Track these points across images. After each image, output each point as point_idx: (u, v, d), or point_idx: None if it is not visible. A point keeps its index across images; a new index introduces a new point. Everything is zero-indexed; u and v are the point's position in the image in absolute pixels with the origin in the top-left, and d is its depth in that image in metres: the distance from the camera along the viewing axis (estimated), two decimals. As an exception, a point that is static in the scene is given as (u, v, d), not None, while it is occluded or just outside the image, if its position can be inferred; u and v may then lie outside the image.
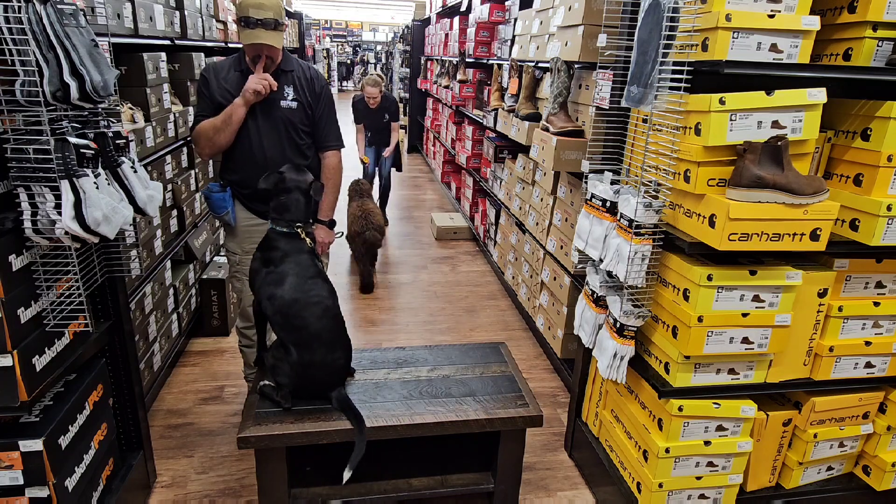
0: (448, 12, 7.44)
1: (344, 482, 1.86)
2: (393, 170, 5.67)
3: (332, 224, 2.51)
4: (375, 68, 19.22)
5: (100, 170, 1.61)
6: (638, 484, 2.08)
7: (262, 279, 2.04)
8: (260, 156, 2.30)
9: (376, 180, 5.57)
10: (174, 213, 3.19)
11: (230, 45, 4.63)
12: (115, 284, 2.01)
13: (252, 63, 2.26)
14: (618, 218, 1.91)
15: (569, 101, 3.01)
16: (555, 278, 3.26)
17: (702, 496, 2.07)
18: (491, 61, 5.05)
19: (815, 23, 1.64)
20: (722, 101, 1.62)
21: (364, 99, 5.14)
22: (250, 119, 2.29)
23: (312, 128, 2.43)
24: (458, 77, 5.90)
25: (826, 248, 1.73)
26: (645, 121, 1.86)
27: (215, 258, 3.79)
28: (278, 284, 1.99)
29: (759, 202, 1.64)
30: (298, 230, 2.07)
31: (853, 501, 2.28)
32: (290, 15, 9.37)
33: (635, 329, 1.96)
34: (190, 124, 3.36)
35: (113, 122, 1.72)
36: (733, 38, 1.61)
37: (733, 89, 1.64)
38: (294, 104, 2.35)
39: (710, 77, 1.66)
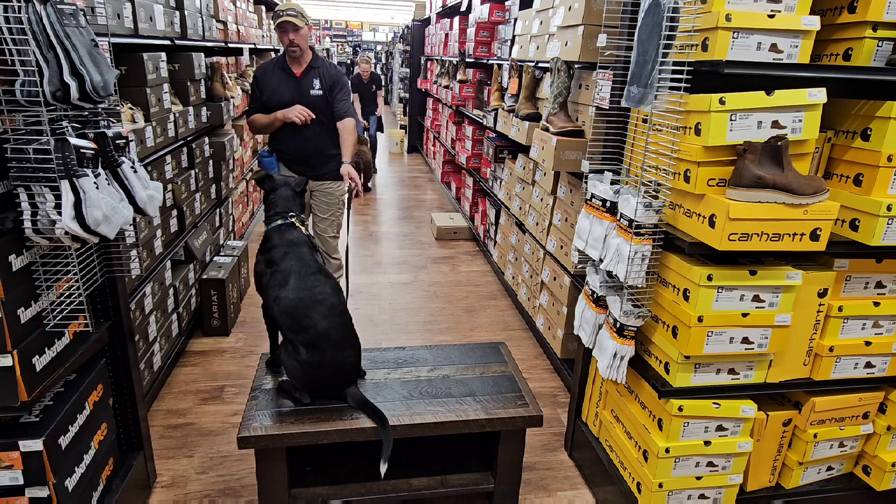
0: (448, 12, 7.44)
1: (382, 476, 1.86)
2: (378, 133, 8.12)
3: (353, 164, 3.08)
4: (375, 67, 19.60)
5: (100, 170, 1.61)
6: (638, 484, 2.08)
7: (268, 281, 2.08)
8: (298, 131, 3.12)
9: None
10: (174, 213, 3.19)
11: (230, 45, 4.64)
12: (115, 284, 2.01)
13: (295, 63, 3.12)
14: (618, 218, 1.91)
15: (569, 101, 3.01)
16: (555, 278, 3.26)
17: (702, 496, 2.07)
18: (491, 61, 5.05)
19: (815, 23, 1.64)
20: (722, 101, 1.62)
21: (359, 74, 7.63)
22: (292, 105, 3.10)
23: (332, 107, 3.17)
24: (458, 77, 5.90)
25: (826, 248, 1.73)
26: (645, 121, 1.86)
27: (215, 258, 3.79)
28: (283, 285, 2.02)
29: (759, 202, 1.64)
30: (293, 219, 2.20)
31: (853, 501, 2.28)
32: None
33: (635, 329, 1.96)
34: (191, 124, 3.38)
35: (113, 122, 1.71)
36: (733, 38, 1.61)
37: (733, 89, 1.64)
38: (319, 93, 3.15)
39: (710, 77, 1.66)
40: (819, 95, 1.66)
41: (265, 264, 2.12)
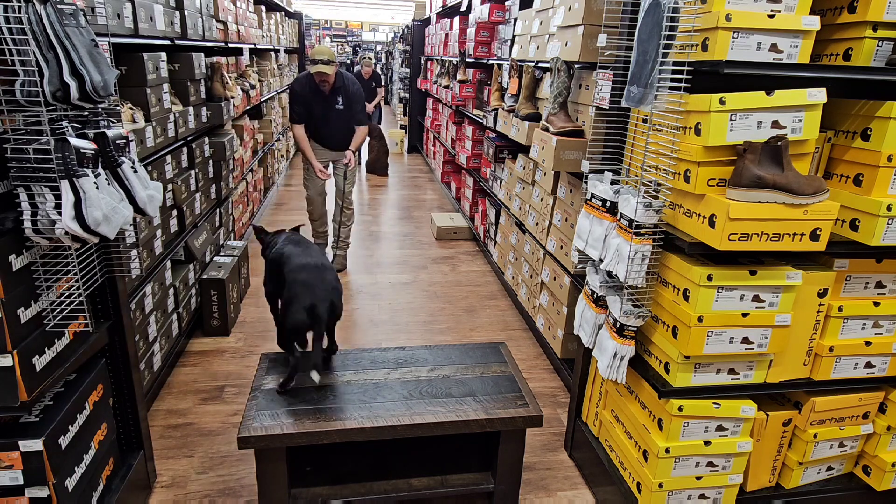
0: (448, 12, 7.44)
1: (317, 382, 2.07)
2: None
3: (357, 153, 4.45)
4: (376, 67, 19.74)
5: (100, 170, 1.61)
6: (638, 484, 2.08)
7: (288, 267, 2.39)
8: (327, 130, 4.36)
9: None
10: (174, 213, 3.19)
11: (230, 45, 4.64)
12: (115, 284, 2.01)
13: (319, 84, 4.16)
14: (618, 218, 1.91)
15: (569, 101, 3.01)
16: (555, 278, 3.26)
17: (702, 496, 2.07)
18: (491, 61, 5.05)
19: (815, 23, 1.65)
20: (722, 101, 1.62)
21: (361, 73, 8.77)
22: (323, 115, 4.29)
23: (351, 115, 4.36)
24: (458, 77, 5.90)
25: (826, 248, 1.73)
26: (645, 121, 1.86)
27: (215, 258, 3.79)
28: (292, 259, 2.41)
29: (759, 202, 1.64)
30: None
31: (853, 501, 2.28)
32: (290, 15, 9.41)
33: (635, 329, 1.96)
34: (191, 124, 3.38)
35: (113, 122, 1.72)
36: (733, 38, 1.61)
37: (733, 89, 1.64)
38: (342, 107, 4.31)
39: (710, 77, 1.66)
40: (819, 95, 1.66)
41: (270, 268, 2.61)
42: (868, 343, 2.00)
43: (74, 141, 1.50)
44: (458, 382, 2.19)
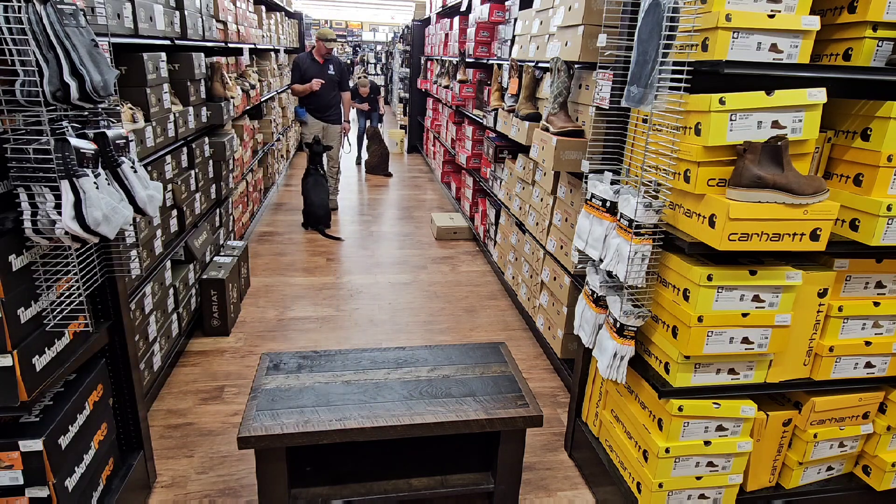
0: (448, 12, 7.44)
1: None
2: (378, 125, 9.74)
3: (348, 121, 6.33)
4: (375, 68, 19.78)
5: (100, 170, 1.61)
6: (638, 484, 2.08)
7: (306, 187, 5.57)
8: (319, 96, 5.87)
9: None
10: (174, 213, 3.19)
11: (230, 45, 4.64)
12: (114, 284, 2.01)
13: (321, 57, 5.85)
14: (618, 218, 1.91)
15: (569, 101, 3.01)
16: (555, 278, 3.26)
17: (702, 496, 2.07)
18: (491, 61, 5.05)
19: (815, 23, 1.65)
20: (722, 101, 1.62)
21: (358, 89, 9.13)
22: (317, 77, 5.75)
23: (340, 83, 6.03)
24: (458, 77, 5.90)
25: (826, 248, 1.73)
26: (645, 121, 1.86)
27: (215, 258, 3.79)
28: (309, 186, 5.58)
29: (759, 202, 1.64)
30: (318, 165, 5.66)
31: (853, 501, 2.28)
32: (290, 15, 9.42)
33: (635, 329, 1.96)
34: (191, 124, 3.38)
35: (113, 122, 1.72)
36: (733, 38, 1.61)
37: (733, 89, 1.64)
38: (333, 73, 5.91)
39: (710, 77, 1.66)
40: (819, 95, 1.66)
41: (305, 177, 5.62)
42: (868, 343, 2.00)
43: (74, 141, 1.50)
44: (458, 382, 2.19)
